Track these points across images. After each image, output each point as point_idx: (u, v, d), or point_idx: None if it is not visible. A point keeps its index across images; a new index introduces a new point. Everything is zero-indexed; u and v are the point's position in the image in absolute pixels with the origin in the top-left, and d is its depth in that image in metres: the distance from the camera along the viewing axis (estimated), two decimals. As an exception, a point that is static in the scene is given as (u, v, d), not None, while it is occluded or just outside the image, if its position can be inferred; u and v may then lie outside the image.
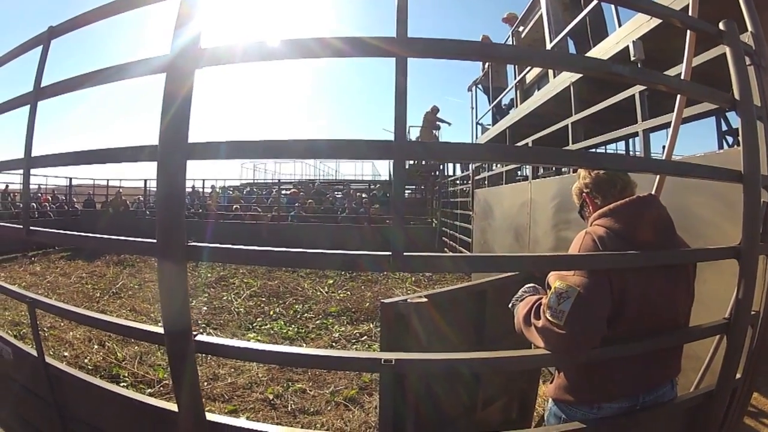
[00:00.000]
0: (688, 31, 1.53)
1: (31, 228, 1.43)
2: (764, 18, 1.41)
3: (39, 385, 1.51)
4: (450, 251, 8.32)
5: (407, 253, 0.90)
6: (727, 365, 1.21)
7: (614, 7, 3.74)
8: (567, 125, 4.06)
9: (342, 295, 5.94)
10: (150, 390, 3.07)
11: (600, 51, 3.80)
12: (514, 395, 2.21)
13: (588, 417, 1.18)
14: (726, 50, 1.25)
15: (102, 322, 1.36)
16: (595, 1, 4.09)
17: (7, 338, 1.72)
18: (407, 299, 1.55)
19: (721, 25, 1.25)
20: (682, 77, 1.54)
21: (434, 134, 11.16)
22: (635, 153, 5.86)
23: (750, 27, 1.37)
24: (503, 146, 4.92)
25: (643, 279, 1.13)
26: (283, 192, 13.05)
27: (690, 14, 1.55)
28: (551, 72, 5.13)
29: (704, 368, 1.50)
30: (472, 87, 8.49)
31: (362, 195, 12.67)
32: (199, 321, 4.70)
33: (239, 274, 7.14)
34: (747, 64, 1.25)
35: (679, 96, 1.57)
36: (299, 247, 0.96)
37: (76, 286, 6.26)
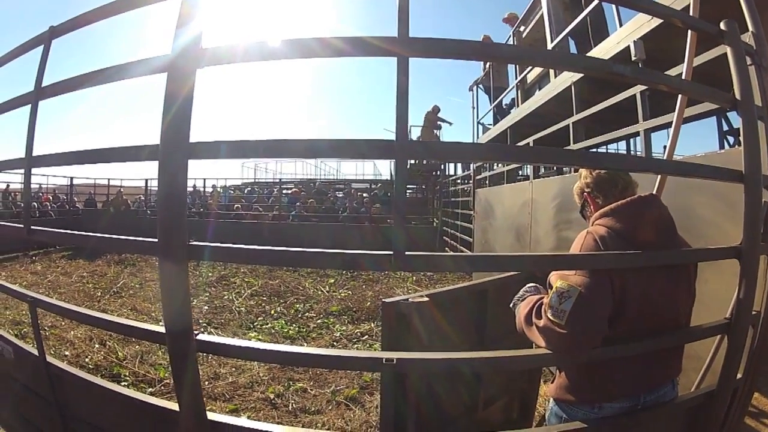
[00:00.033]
0: (689, 31, 1.53)
1: (32, 227, 1.43)
2: (765, 18, 1.41)
3: (40, 385, 1.51)
4: (451, 251, 8.32)
5: (408, 253, 0.90)
6: (728, 365, 1.21)
7: (615, 7, 3.74)
8: (568, 125, 4.06)
9: (343, 295, 5.94)
10: (151, 389, 3.07)
11: (601, 51, 3.79)
12: (515, 395, 2.21)
13: (589, 417, 1.18)
14: (727, 50, 1.25)
15: (103, 322, 1.36)
16: (596, 1, 4.09)
17: (8, 337, 1.72)
18: (408, 299, 1.55)
19: (722, 25, 1.25)
20: (683, 77, 1.55)
21: (435, 134, 11.17)
22: (636, 153, 5.85)
23: (751, 27, 1.37)
24: (504, 146, 4.91)
25: (645, 279, 1.13)
26: (285, 191, 13.06)
27: (691, 14, 1.55)
28: (552, 72, 5.13)
29: (705, 368, 1.49)
30: (474, 87, 8.49)
31: (363, 194, 12.66)
32: (200, 320, 4.70)
33: (240, 274, 7.14)
34: (748, 64, 1.25)
35: (680, 96, 1.57)
36: (300, 247, 0.96)
37: (77, 286, 6.26)
